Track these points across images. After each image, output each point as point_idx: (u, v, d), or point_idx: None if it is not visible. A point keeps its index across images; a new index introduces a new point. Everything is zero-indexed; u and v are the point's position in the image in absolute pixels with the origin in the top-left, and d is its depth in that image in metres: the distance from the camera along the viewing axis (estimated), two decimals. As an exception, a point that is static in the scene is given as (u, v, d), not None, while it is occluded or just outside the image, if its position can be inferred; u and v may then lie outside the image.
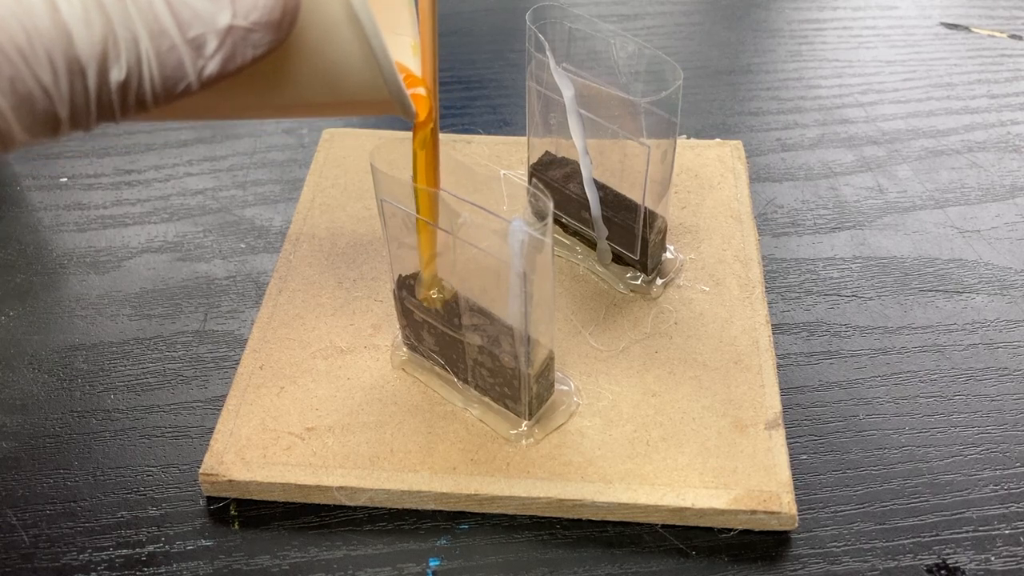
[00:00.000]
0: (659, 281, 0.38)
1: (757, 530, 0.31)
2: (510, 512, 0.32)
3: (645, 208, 0.35)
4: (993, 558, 0.31)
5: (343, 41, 0.22)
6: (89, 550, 0.31)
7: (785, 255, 0.41)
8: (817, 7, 0.60)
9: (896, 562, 0.31)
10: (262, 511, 0.32)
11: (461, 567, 0.31)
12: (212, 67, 0.20)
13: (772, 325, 0.37)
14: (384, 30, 0.22)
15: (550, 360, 0.32)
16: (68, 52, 0.18)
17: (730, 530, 0.31)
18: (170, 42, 0.19)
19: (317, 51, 0.22)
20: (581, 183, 0.36)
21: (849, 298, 0.39)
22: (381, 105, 0.24)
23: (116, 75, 0.19)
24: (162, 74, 0.19)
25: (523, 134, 0.46)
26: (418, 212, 0.29)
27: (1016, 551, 0.31)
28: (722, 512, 0.31)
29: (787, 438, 0.33)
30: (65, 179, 0.46)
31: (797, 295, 0.40)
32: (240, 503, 0.32)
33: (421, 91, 0.27)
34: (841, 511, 0.32)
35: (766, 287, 0.39)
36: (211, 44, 0.19)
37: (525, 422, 0.32)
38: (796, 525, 0.31)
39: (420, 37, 0.27)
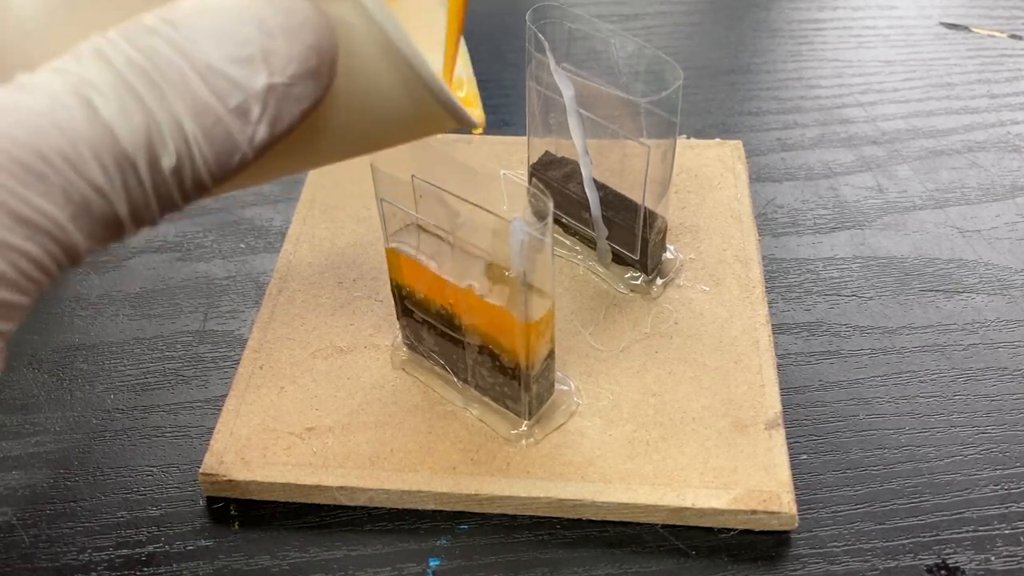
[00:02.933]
0: (659, 281, 0.38)
1: (757, 530, 0.31)
2: (510, 512, 0.32)
3: (645, 208, 0.35)
4: (993, 558, 0.31)
5: (386, 71, 0.21)
6: (89, 550, 0.31)
7: (785, 255, 0.41)
8: (817, 7, 0.60)
9: (896, 562, 0.31)
10: (262, 511, 0.32)
11: (461, 567, 0.31)
12: (262, 132, 0.19)
13: (772, 325, 0.37)
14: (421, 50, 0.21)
15: (550, 360, 0.32)
16: (114, 148, 0.17)
17: (730, 530, 0.31)
18: (214, 116, 0.18)
19: (363, 87, 0.21)
20: (581, 183, 0.36)
21: (849, 298, 0.39)
22: (436, 121, 0.23)
23: (167, 162, 0.18)
24: (213, 150, 0.18)
25: (523, 134, 0.46)
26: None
27: (1016, 551, 0.31)
28: (722, 512, 0.31)
29: (787, 438, 0.33)
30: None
31: (797, 295, 0.40)
32: (240, 503, 0.32)
33: (462, 95, 0.27)
34: (841, 511, 0.32)
35: (766, 287, 0.39)
36: (255, 109, 0.19)
37: (525, 422, 0.32)
38: (796, 525, 0.31)
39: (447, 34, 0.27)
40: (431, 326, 0.33)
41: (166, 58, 0.18)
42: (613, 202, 0.37)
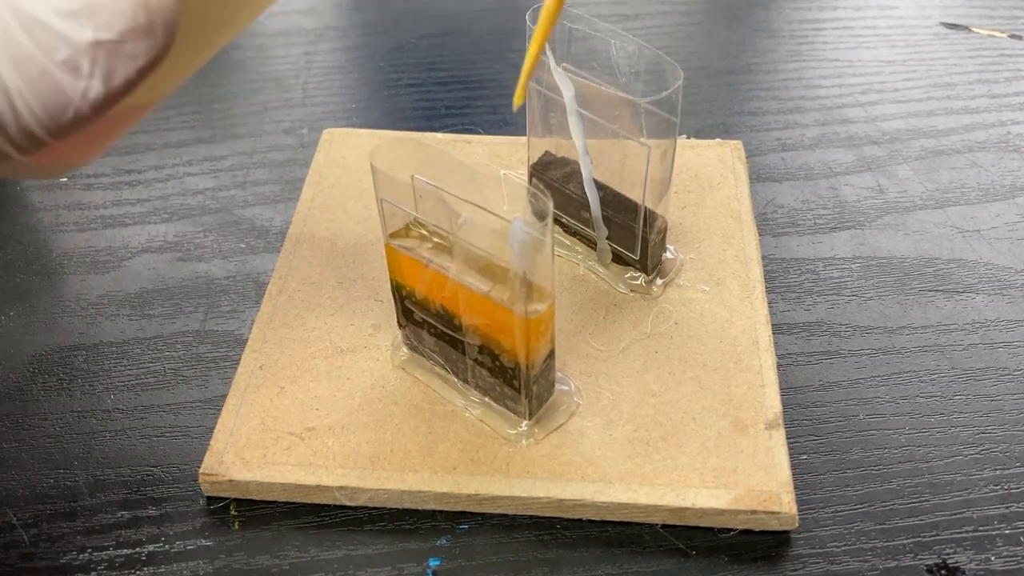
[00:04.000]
0: (659, 281, 0.38)
1: (757, 530, 0.31)
2: (510, 512, 0.32)
3: (645, 208, 0.35)
4: (993, 558, 0.31)
5: None
6: (89, 550, 0.31)
7: (785, 255, 0.41)
8: (817, 7, 0.60)
9: (896, 562, 0.31)
10: (262, 511, 0.32)
11: (461, 567, 0.31)
12: (96, 88, 0.19)
13: (772, 325, 0.37)
14: None
15: (550, 360, 0.32)
16: None
17: (730, 530, 0.31)
18: (38, 68, 0.18)
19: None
20: (581, 183, 0.36)
21: (849, 298, 0.39)
22: None
23: None
24: (41, 102, 0.18)
25: (523, 134, 0.46)
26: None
27: (1016, 551, 0.31)
28: (722, 512, 0.31)
29: (787, 438, 0.33)
30: (65, 179, 0.46)
31: (797, 295, 0.40)
32: (240, 503, 0.32)
33: None
34: (841, 511, 0.32)
35: (766, 287, 0.39)
36: (84, 64, 0.18)
37: (525, 422, 0.32)
38: (796, 525, 0.31)
39: None
40: (431, 326, 0.33)
41: None
42: (613, 202, 0.37)
